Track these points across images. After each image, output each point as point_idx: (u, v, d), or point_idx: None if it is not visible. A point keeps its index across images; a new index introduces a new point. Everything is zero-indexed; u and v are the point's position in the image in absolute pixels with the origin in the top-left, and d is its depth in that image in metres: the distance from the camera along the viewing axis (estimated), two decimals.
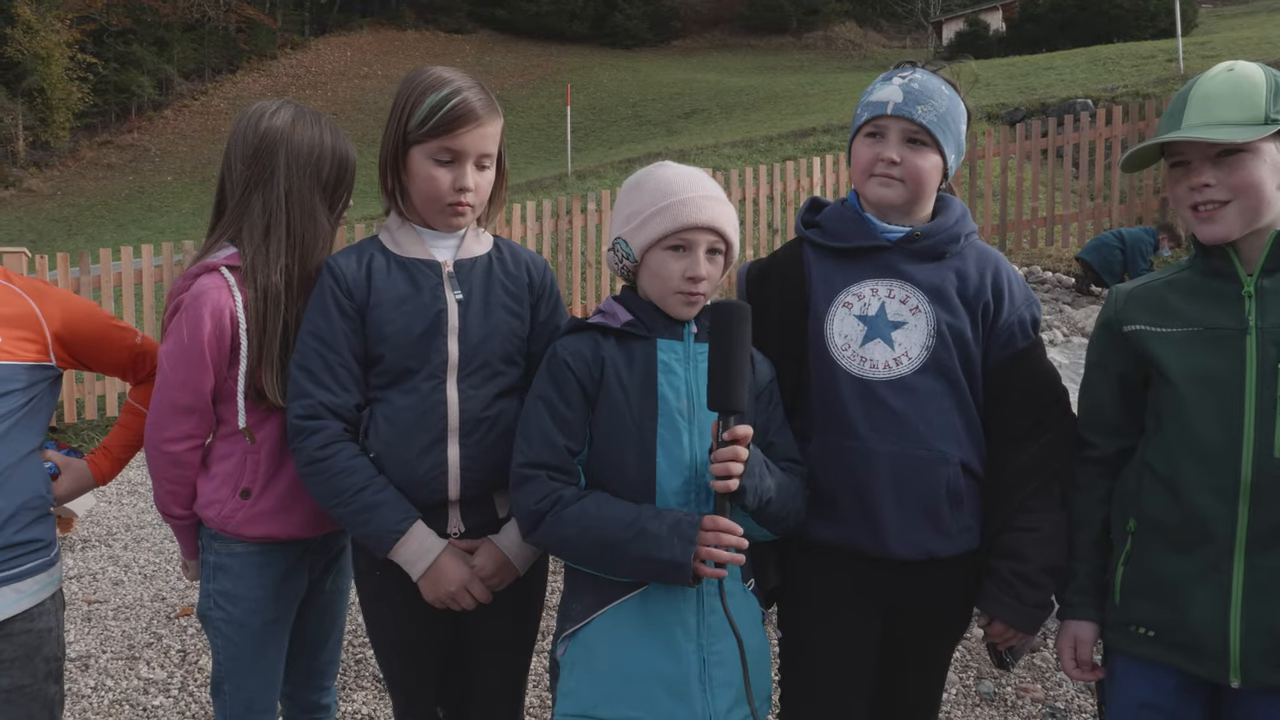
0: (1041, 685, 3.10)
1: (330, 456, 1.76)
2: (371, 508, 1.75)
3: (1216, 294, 1.63)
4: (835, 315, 1.83)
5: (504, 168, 1.92)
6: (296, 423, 1.79)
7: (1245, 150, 1.56)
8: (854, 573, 1.80)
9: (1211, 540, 1.57)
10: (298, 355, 1.82)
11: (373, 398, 1.83)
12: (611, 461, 1.68)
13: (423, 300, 1.81)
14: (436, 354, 1.80)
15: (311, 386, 1.78)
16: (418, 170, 1.81)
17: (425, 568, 1.76)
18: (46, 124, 37.51)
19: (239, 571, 1.95)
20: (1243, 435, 1.55)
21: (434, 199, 1.82)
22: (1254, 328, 1.57)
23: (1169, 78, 14.94)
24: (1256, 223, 1.59)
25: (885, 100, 1.80)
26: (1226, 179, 1.58)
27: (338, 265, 1.83)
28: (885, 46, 43.37)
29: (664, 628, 1.64)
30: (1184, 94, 1.64)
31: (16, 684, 1.84)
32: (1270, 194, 1.57)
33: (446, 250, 1.87)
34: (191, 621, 3.86)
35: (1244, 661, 1.54)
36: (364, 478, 1.76)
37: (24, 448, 1.86)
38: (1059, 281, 8.96)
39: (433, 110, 1.77)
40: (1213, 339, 1.60)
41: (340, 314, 1.79)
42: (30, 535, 1.84)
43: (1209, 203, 1.59)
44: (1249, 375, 1.56)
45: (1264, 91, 1.57)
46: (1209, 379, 1.59)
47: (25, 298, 1.91)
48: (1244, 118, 1.56)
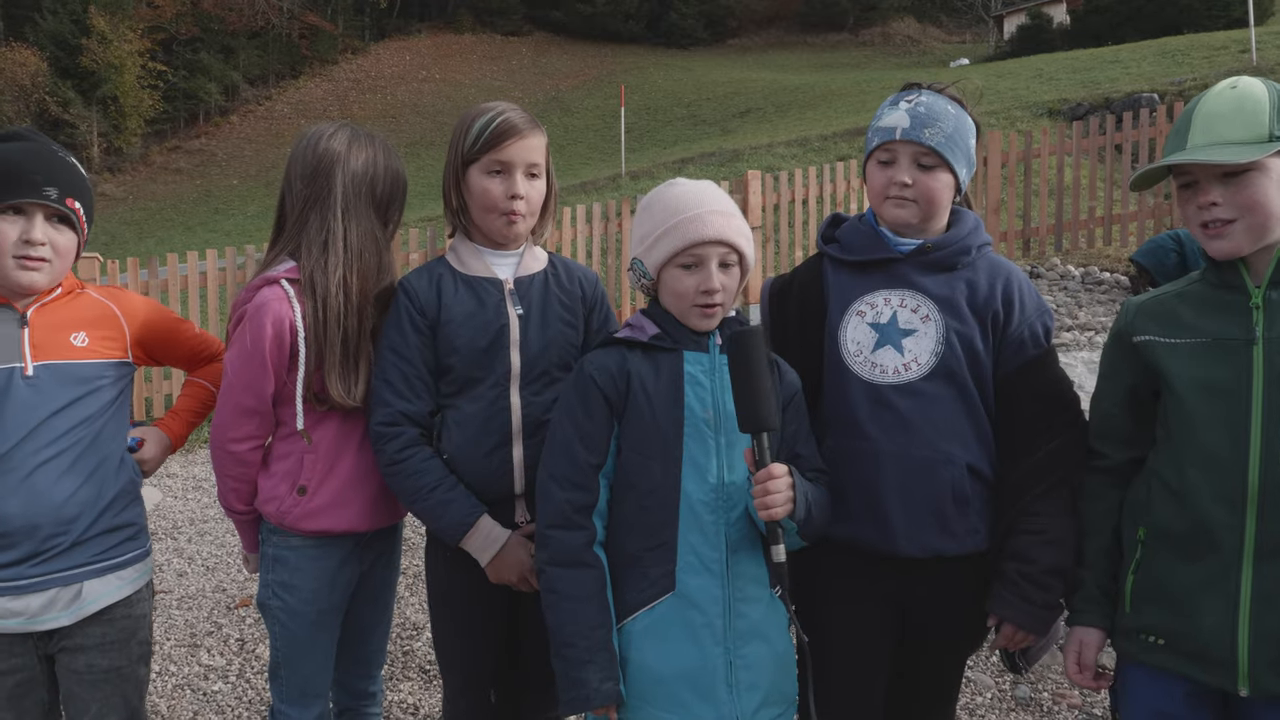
0: (1079, 692, 3.09)
1: (408, 459, 1.94)
2: (444, 504, 1.93)
3: (1225, 306, 1.64)
4: (849, 323, 1.89)
5: (552, 182, 2.08)
6: (378, 429, 1.97)
7: (1251, 169, 1.57)
8: (866, 569, 1.86)
9: (1220, 549, 1.58)
10: (378, 368, 2.00)
11: (443, 404, 2.01)
12: (639, 471, 1.75)
13: (487, 316, 1.99)
14: (500, 364, 1.97)
15: (390, 396, 1.96)
16: (475, 185, 1.99)
17: (491, 556, 1.94)
18: (119, 130, 38.88)
19: (295, 564, 2.08)
20: (1250, 445, 1.56)
21: (490, 208, 1.99)
22: (1261, 338, 1.58)
23: (1241, 69, 14.52)
24: (1266, 238, 1.60)
25: (893, 126, 1.86)
26: (1233, 198, 1.58)
27: (411, 285, 2.01)
28: (945, 42, 42.76)
29: (692, 631, 1.71)
30: (1189, 112, 1.64)
31: (114, 665, 2.02)
32: (1277, 209, 1.58)
33: (507, 268, 2.05)
34: (250, 612, 4.03)
35: (1252, 670, 1.55)
36: (436, 477, 1.94)
37: (118, 438, 2.05)
38: (1116, 282, 8.78)
39: (481, 130, 1.98)
40: (1220, 350, 1.61)
41: (414, 330, 1.97)
42: (126, 519, 2.03)
43: (1217, 221, 1.60)
44: (1256, 385, 1.57)
45: (1268, 109, 1.57)
46: (1216, 389, 1.60)
47: (106, 302, 2.08)
48: (1248, 136, 1.57)
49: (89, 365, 2.00)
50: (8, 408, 1.90)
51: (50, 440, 1.92)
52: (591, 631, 1.70)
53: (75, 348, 1.99)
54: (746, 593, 1.73)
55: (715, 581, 1.71)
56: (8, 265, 1.91)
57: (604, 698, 1.68)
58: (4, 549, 1.88)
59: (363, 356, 2.01)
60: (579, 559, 1.73)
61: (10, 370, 1.92)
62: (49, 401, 1.93)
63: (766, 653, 1.74)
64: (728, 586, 1.71)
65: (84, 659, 2.00)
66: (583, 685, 1.68)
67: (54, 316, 1.99)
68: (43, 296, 1.99)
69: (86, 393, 1.98)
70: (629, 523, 1.76)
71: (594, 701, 1.68)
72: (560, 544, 1.74)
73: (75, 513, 1.93)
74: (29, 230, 1.91)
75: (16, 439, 1.89)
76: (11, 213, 1.91)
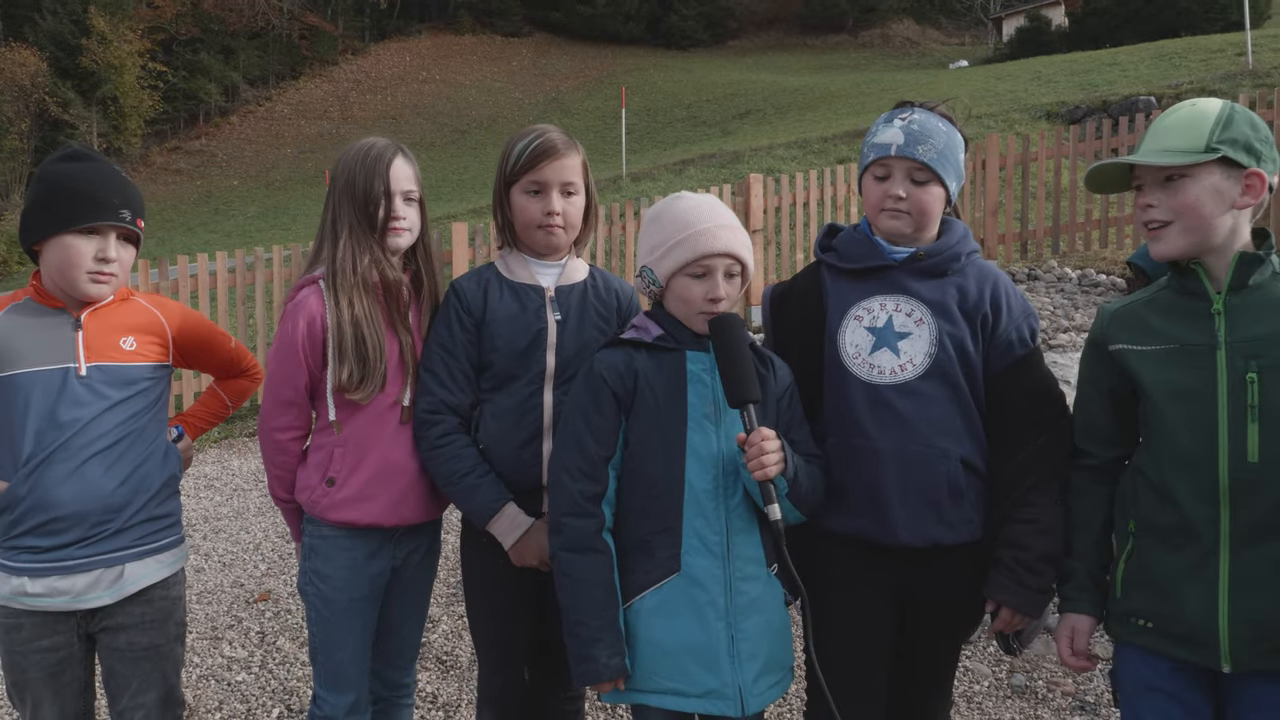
0: (1073, 680, 3.21)
1: (446, 445, 2.11)
2: (474, 488, 2.09)
3: (1189, 312, 1.76)
4: (847, 327, 2.02)
5: (591, 195, 2.24)
6: (422, 416, 2.14)
7: (1185, 175, 1.71)
8: (867, 560, 1.98)
9: (1199, 540, 1.70)
10: (424, 360, 2.16)
11: (482, 398, 2.16)
12: (645, 462, 1.90)
13: (528, 319, 2.15)
14: (537, 364, 2.13)
15: (435, 386, 2.13)
16: (516, 203, 2.17)
17: (515, 540, 2.08)
18: (119, 131, 38.94)
19: (326, 553, 2.20)
20: (1218, 444, 1.68)
21: (529, 224, 2.16)
22: (1223, 343, 1.70)
23: (1237, 72, 14.64)
24: (1202, 243, 1.73)
25: (889, 143, 1.99)
26: (1168, 201, 1.73)
27: (461, 287, 2.18)
28: (943, 44, 42.89)
29: (696, 608, 1.85)
30: (1152, 123, 1.80)
31: (154, 643, 2.18)
32: (1210, 216, 1.71)
33: (550, 277, 2.21)
34: (269, 606, 4.15)
35: (1233, 649, 1.67)
36: (469, 464, 2.10)
37: (160, 434, 2.20)
38: (1113, 285, 8.90)
39: (520, 153, 2.15)
40: (1186, 355, 1.74)
41: (461, 327, 2.14)
42: (167, 509, 2.20)
43: (1154, 221, 1.75)
44: (1221, 388, 1.69)
45: (1210, 124, 1.71)
46: (1185, 393, 1.73)
47: (152, 309, 2.23)
48: (1186, 146, 1.71)
49: (136, 368, 2.14)
50: (62, 404, 2.04)
51: (99, 435, 2.06)
52: (601, 611, 1.85)
53: (124, 351, 2.13)
54: (745, 571, 1.88)
55: (717, 562, 1.87)
56: (81, 279, 2.06)
57: (612, 671, 1.85)
58: (55, 533, 2.03)
59: (372, 349, 2.10)
60: (589, 545, 1.88)
61: (66, 370, 2.06)
62: (99, 400, 2.07)
63: (764, 625, 1.89)
64: (728, 566, 1.87)
65: (125, 637, 2.14)
66: (593, 660, 1.84)
67: (105, 321, 2.13)
68: (95, 301, 2.12)
69: (133, 393, 2.13)
70: (637, 510, 1.90)
71: (603, 675, 1.84)
72: (572, 531, 1.89)
73: (121, 502, 2.08)
74: (104, 249, 2.07)
75: (70, 433, 2.03)
76: (87, 233, 2.05)
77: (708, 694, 1.84)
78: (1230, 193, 1.70)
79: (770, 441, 1.80)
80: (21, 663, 2.10)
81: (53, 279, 2.08)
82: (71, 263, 2.04)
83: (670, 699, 1.86)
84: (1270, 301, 1.69)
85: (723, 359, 1.85)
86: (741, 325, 1.88)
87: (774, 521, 1.80)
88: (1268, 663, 1.65)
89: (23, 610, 2.06)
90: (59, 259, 2.05)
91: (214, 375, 2.49)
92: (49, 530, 2.03)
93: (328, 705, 2.22)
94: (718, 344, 1.86)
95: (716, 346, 1.87)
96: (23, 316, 2.09)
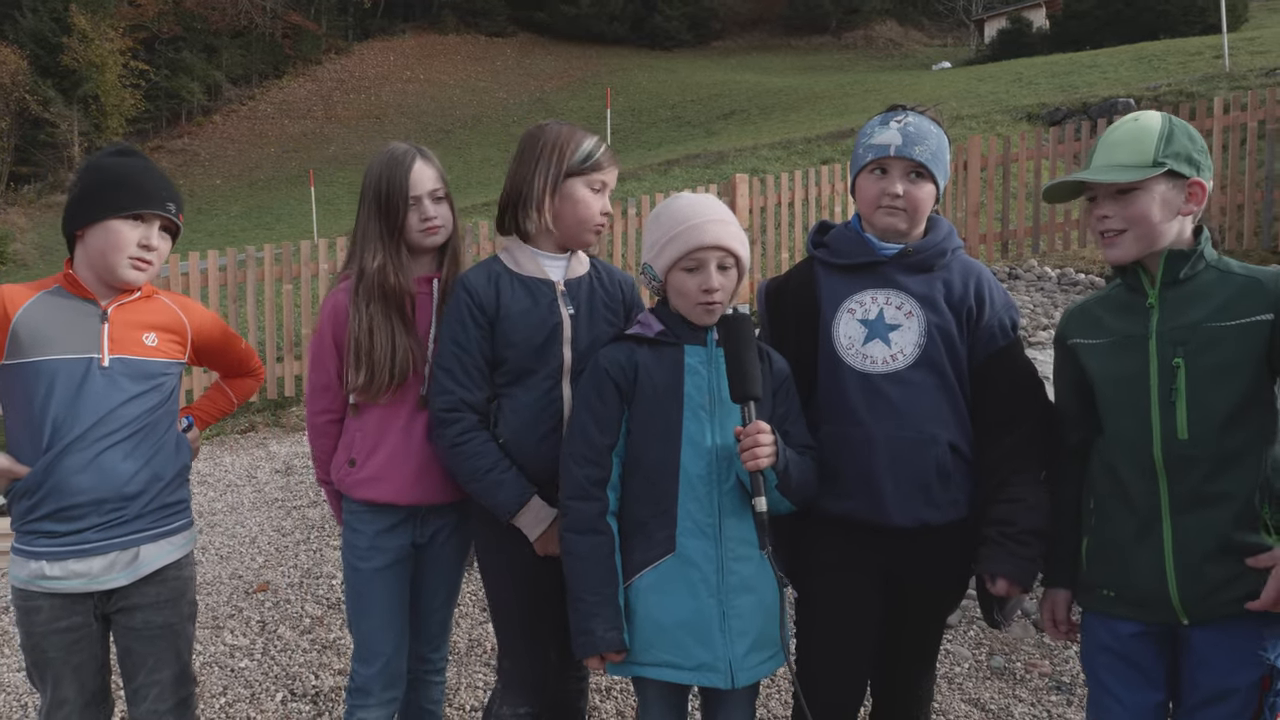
0: (1049, 661, 3.33)
1: (466, 443, 2.15)
2: (498, 485, 2.13)
3: (1130, 307, 1.93)
4: (841, 320, 2.13)
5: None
6: (439, 414, 2.18)
7: (1137, 188, 1.86)
8: (858, 540, 2.09)
9: (1143, 511, 1.88)
10: (439, 357, 2.21)
11: (499, 393, 2.20)
12: (644, 448, 2.03)
13: (542, 314, 2.19)
14: (554, 358, 2.18)
15: (450, 384, 2.17)
16: (578, 196, 2.21)
17: (540, 532, 2.15)
18: (100, 130, 38.58)
19: (354, 525, 2.35)
20: (1151, 424, 1.85)
21: (587, 219, 2.22)
22: (1154, 332, 1.88)
23: (1214, 75, 14.86)
24: (1152, 247, 1.89)
25: (887, 143, 2.10)
26: (1122, 212, 1.88)
27: (470, 282, 2.20)
28: (926, 45, 43.17)
29: (690, 586, 1.97)
30: (1100, 139, 1.95)
31: (168, 621, 2.26)
32: (1160, 223, 1.87)
33: (557, 270, 2.25)
34: (268, 596, 4.23)
35: (1184, 603, 1.83)
36: (491, 460, 2.14)
37: (173, 426, 2.30)
38: (1092, 283, 9.07)
39: (592, 151, 2.21)
40: (1125, 345, 1.91)
41: (474, 323, 2.17)
42: (179, 496, 2.29)
43: (1109, 231, 1.90)
44: (1152, 373, 1.87)
45: (1155, 139, 1.86)
46: (1124, 379, 1.91)
47: (175, 309, 2.33)
48: (1136, 160, 1.86)
49: (155, 363, 2.24)
50: (84, 393, 2.12)
51: (118, 426, 2.15)
52: (600, 588, 1.98)
53: (146, 346, 2.23)
54: (737, 552, 1.99)
55: (710, 543, 1.98)
56: (122, 263, 2.15)
57: (608, 644, 1.97)
58: (74, 519, 2.12)
59: (379, 358, 2.22)
60: (593, 526, 2.01)
61: (89, 360, 2.14)
62: (119, 391, 2.16)
63: (755, 604, 2.00)
64: (720, 547, 1.98)
65: (140, 616, 2.23)
66: (591, 633, 1.97)
67: (131, 316, 2.22)
68: (122, 296, 2.21)
69: (151, 387, 2.22)
70: (636, 494, 2.03)
71: (600, 647, 1.97)
72: (578, 513, 2.01)
73: (137, 490, 2.17)
74: (148, 236, 2.17)
75: (90, 422, 2.12)
76: (133, 219, 2.15)
77: (700, 667, 1.96)
78: (1176, 201, 1.86)
79: (764, 435, 1.91)
80: (41, 643, 2.17)
81: (92, 263, 2.17)
82: (116, 246, 2.13)
83: (666, 671, 1.98)
84: (1199, 293, 1.85)
85: (730, 356, 1.95)
86: (750, 325, 1.98)
87: (759, 513, 1.91)
88: (1221, 611, 1.81)
89: (41, 593, 2.14)
90: (103, 242, 2.14)
91: (221, 374, 2.59)
92: (66, 516, 2.11)
93: (359, 676, 2.35)
94: (727, 342, 1.96)
95: (725, 344, 1.97)
96: (53, 303, 2.17)
